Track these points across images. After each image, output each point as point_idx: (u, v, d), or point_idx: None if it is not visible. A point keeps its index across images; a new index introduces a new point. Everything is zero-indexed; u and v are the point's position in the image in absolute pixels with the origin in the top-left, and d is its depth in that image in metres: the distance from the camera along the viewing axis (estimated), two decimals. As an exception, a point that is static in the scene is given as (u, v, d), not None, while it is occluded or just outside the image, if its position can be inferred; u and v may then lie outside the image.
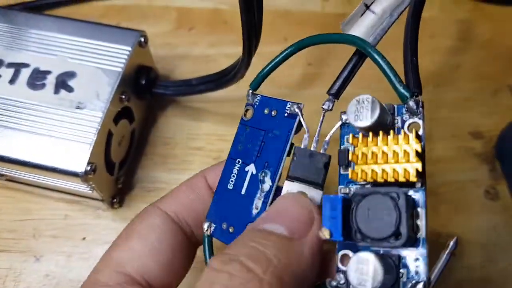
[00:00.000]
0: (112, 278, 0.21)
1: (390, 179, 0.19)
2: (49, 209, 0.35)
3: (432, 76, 0.41)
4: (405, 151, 0.19)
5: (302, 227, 0.20)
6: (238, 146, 0.25)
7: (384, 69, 0.22)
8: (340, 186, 0.22)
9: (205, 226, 0.24)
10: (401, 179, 0.19)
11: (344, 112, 0.22)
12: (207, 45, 0.43)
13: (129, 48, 0.33)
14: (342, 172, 0.22)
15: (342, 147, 0.22)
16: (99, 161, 0.31)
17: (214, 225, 0.24)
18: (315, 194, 0.22)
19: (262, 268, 0.18)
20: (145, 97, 0.36)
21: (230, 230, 0.24)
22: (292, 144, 0.23)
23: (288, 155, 0.23)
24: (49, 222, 0.34)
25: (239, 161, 0.24)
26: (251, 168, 0.24)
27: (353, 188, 0.21)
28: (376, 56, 0.22)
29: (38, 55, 0.32)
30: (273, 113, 0.24)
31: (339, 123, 0.23)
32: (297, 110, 0.23)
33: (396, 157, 0.19)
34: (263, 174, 0.23)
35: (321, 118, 0.23)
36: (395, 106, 0.21)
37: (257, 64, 0.40)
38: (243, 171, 0.24)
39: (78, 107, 0.31)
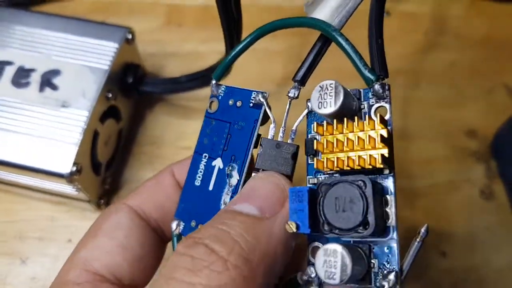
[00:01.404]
0: (81, 277, 0.21)
1: (356, 167, 0.18)
2: (34, 210, 0.34)
3: (425, 73, 0.41)
4: (370, 136, 0.18)
5: (272, 205, 0.19)
6: (204, 140, 0.24)
7: (348, 52, 0.20)
8: (308, 177, 0.21)
9: (174, 225, 0.23)
10: (367, 166, 0.18)
11: (309, 100, 0.21)
12: (197, 41, 0.42)
13: (116, 45, 0.32)
14: (309, 161, 0.21)
15: (309, 136, 0.21)
16: (85, 161, 0.30)
17: (183, 224, 0.23)
18: None
19: (226, 249, 0.17)
20: (132, 96, 0.35)
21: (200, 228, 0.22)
22: (259, 135, 0.22)
23: (255, 147, 0.22)
24: (34, 223, 0.34)
25: (205, 156, 0.23)
26: (217, 163, 0.23)
27: (321, 178, 0.21)
28: (340, 39, 0.21)
29: (22, 53, 0.32)
30: (238, 103, 0.23)
31: (305, 111, 0.22)
32: (262, 99, 0.22)
33: (362, 144, 0.18)
34: (230, 168, 0.22)
35: (287, 106, 0.22)
36: (361, 90, 0.20)
37: (249, 60, 0.39)
38: (210, 166, 0.23)
39: (63, 106, 0.30)
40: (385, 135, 0.18)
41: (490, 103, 0.40)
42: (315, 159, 0.20)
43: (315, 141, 0.20)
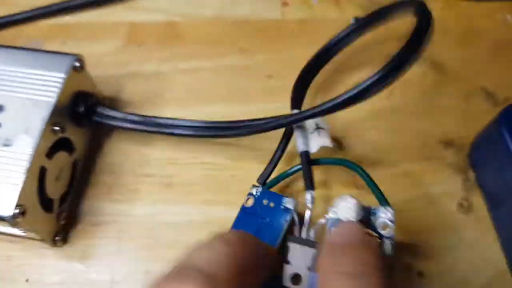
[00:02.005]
0: None
1: None
2: (-10, 250, 0.33)
3: (398, 81, 0.38)
4: None
5: None
6: (237, 227, 0.30)
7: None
8: None
9: None
10: None
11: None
12: (158, 60, 0.40)
13: (62, 75, 0.30)
14: None
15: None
16: (30, 201, 0.28)
17: None
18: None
19: None
20: (85, 125, 0.33)
21: None
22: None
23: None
24: (-10, 264, 0.32)
25: None
26: None
27: None
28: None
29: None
30: (271, 204, 0.30)
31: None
32: (291, 206, 0.30)
33: None
34: None
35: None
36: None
37: (212, 77, 0.38)
38: None
39: (5, 145, 0.28)
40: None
41: (468, 109, 0.38)
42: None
43: None
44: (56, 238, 0.32)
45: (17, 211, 0.27)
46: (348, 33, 0.37)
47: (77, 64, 0.31)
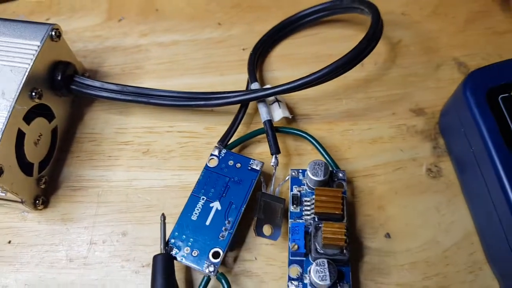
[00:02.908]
0: None
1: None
2: (-27, 213, 0.34)
3: (371, 53, 0.39)
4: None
5: None
6: (203, 186, 0.32)
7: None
8: (290, 220, 0.31)
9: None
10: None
11: (293, 169, 0.33)
12: (138, 35, 0.41)
13: (38, 43, 0.32)
14: (292, 209, 0.32)
15: (292, 192, 0.32)
16: (8, 162, 0.30)
17: (176, 249, 0.30)
18: None
19: None
20: (63, 94, 0.35)
21: (194, 253, 0.29)
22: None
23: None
24: (-26, 227, 0.34)
25: (203, 198, 0.31)
26: (216, 205, 0.31)
27: (299, 220, 0.31)
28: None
29: None
30: (237, 165, 0.33)
31: (288, 176, 0.33)
32: (258, 167, 0.33)
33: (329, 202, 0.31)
34: (228, 210, 0.31)
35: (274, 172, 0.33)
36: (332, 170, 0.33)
37: (189, 50, 0.39)
38: (207, 206, 0.31)
39: (-17, 108, 0.30)
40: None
41: (438, 79, 0.39)
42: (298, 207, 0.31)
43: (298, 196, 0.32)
44: (37, 201, 0.33)
45: (-6, 169, 0.28)
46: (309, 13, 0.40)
47: (53, 33, 0.32)
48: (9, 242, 0.33)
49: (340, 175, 0.33)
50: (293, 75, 0.34)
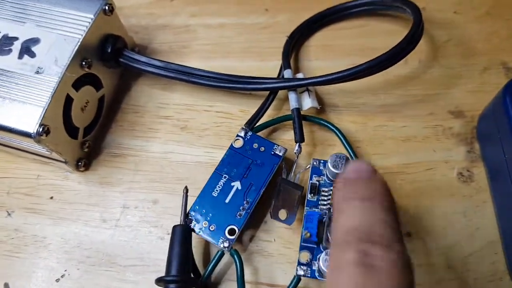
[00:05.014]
0: None
1: None
2: (23, 168, 0.37)
3: (416, 50, 0.39)
4: None
5: None
6: (226, 165, 0.33)
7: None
8: (306, 207, 0.32)
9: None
10: None
11: (316, 159, 0.34)
12: (188, 15, 0.43)
13: (91, 16, 0.34)
14: (309, 198, 0.32)
15: (311, 181, 0.33)
16: (55, 124, 0.32)
17: (195, 222, 0.31)
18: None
19: None
20: (112, 66, 0.37)
21: (211, 228, 0.31)
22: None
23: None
24: (22, 180, 0.37)
25: (225, 177, 0.32)
26: (236, 184, 0.32)
27: (315, 209, 0.32)
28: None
29: (8, 22, 0.34)
30: (261, 148, 0.34)
31: (310, 165, 0.33)
32: (281, 153, 0.33)
33: None
34: (248, 191, 0.32)
35: (296, 159, 0.34)
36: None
37: (234, 34, 0.40)
38: (229, 185, 0.32)
39: (37, 72, 0.32)
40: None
41: (483, 82, 0.38)
42: (316, 197, 0.32)
43: (316, 186, 0.32)
44: (79, 163, 0.36)
45: (41, 129, 0.31)
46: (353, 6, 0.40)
47: (106, 7, 0.34)
48: (51, 197, 0.36)
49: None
50: (333, 66, 0.35)
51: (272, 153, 0.33)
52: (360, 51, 0.40)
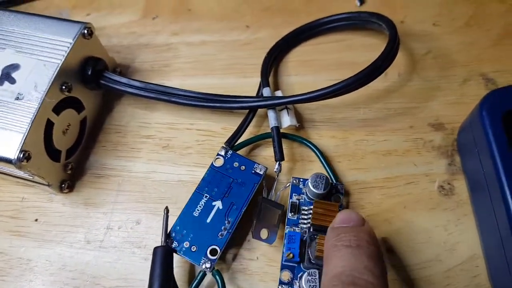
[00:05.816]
0: None
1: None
2: (7, 191, 0.37)
3: (395, 63, 0.39)
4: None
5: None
6: (207, 184, 0.33)
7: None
8: (286, 226, 0.32)
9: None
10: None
11: (295, 177, 0.34)
12: (169, 33, 0.43)
13: (70, 40, 0.34)
14: (289, 217, 0.32)
15: (291, 200, 0.33)
16: (36, 149, 0.32)
17: (176, 243, 0.31)
18: None
19: None
20: (93, 88, 0.37)
21: (193, 249, 0.31)
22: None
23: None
24: (7, 203, 0.37)
25: (206, 196, 0.33)
26: (218, 204, 0.32)
27: (295, 228, 0.32)
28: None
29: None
30: (242, 167, 0.34)
31: (289, 183, 0.34)
32: (261, 172, 0.33)
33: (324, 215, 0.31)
34: (229, 211, 0.32)
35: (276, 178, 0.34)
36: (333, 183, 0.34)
37: (215, 51, 0.41)
38: (210, 204, 0.32)
39: (17, 98, 0.33)
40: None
41: (463, 94, 0.38)
42: (296, 215, 0.32)
43: (297, 204, 0.33)
44: (63, 185, 0.36)
45: (21, 155, 0.31)
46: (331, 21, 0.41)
47: (85, 31, 0.35)
48: (36, 220, 0.36)
49: (339, 187, 0.33)
50: (313, 80, 0.35)
51: (253, 171, 0.34)
52: (339, 65, 0.40)
